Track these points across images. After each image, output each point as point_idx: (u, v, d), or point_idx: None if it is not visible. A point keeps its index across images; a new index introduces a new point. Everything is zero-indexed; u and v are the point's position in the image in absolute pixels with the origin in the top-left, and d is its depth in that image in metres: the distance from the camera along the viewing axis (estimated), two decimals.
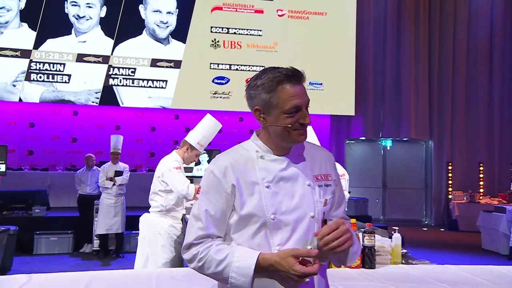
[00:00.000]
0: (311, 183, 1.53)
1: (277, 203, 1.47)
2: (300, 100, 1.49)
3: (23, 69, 9.57)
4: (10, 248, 5.77)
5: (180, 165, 3.65)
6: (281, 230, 1.46)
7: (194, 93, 10.19)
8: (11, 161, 9.67)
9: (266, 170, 1.50)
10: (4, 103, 9.72)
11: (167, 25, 10.26)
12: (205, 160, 6.51)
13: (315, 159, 1.60)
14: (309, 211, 1.49)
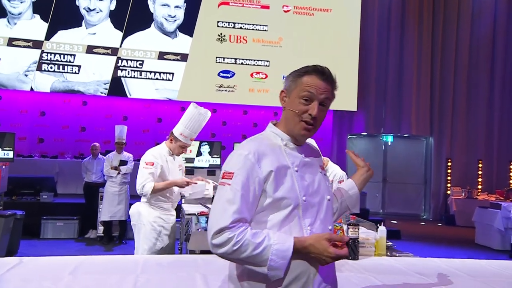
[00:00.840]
0: (322, 170, 1.65)
1: (305, 186, 1.54)
2: (316, 91, 1.53)
3: (35, 59, 9.63)
4: (17, 232, 5.85)
5: (154, 161, 3.48)
6: (309, 212, 1.52)
7: (200, 86, 10.20)
8: (22, 149, 9.79)
9: (292, 155, 1.56)
10: (16, 92, 9.80)
11: (175, 19, 10.25)
12: (206, 152, 6.54)
13: (315, 152, 1.70)
14: (326, 194, 1.59)
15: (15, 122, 9.93)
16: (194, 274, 2.06)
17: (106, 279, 1.90)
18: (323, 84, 1.54)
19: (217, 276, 2.05)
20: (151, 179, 3.41)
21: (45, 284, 1.79)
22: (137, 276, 1.97)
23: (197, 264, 2.27)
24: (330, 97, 1.57)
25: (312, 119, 1.53)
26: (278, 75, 10.56)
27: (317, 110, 1.52)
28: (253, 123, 10.84)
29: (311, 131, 1.56)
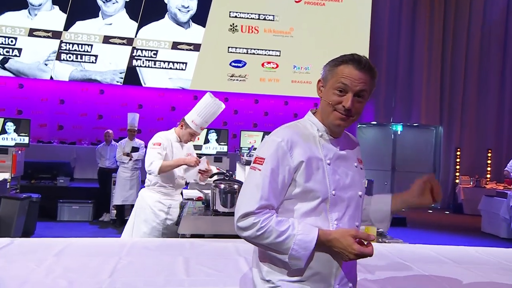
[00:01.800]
0: (357, 164, 1.55)
1: (336, 180, 1.46)
2: (351, 83, 1.43)
3: (54, 49, 9.71)
4: (33, 214, 5.93)
5: (162, 141, 3.39)
6: (338, 206, 1.46)
7: (212, 75, 10.15)
8: (42, 135, 9.93)
9: (327, 148, 1.49)
10: (37, 81, 9.91)
11: (188, 9, 10.18)
12: (213, 139, 6.52)
13: (354, 144, 1.60)
14: (358, 190, 1.51)
15: (36, 109, 10.05)
16: (177, 257, 2.03)
17: (88, 261, 1.89)
18: (359, 74, 1.44)
19: (199, 259, 2.02)
20: (160, 158, 3.35)
21: (29, 264, 1.78)
22: (120, 258, 1.95)
23: (183, 248, 2.24)
24: (368, 88, 1.46)
25: (346, 111, 1.44)
26: (289, 64, 10.45)
27: (351, 102, 1.43)
28: (264, 111, 10.76)
29: (346, 121, 1.47)
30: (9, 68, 9.62)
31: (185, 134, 3.51)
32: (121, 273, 1.75)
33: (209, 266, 1.92)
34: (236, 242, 2.42)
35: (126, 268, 1.83)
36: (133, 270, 1.81)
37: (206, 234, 2.55)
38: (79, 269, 1.77)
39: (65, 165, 7.77)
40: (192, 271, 1.85)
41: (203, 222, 2.59)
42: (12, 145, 5.93)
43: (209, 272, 1.84)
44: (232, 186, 2.69)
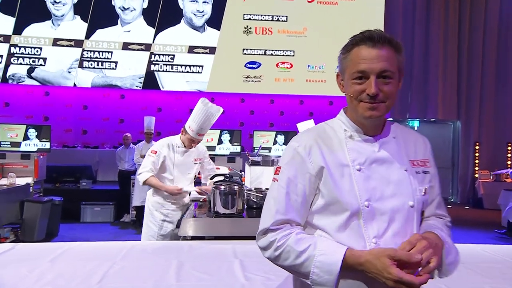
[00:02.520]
0: (407, 168, 1.23)
1: (370, 189, 1.19)
2: (368, 65, 1.17)
3: (76, 57, 9.85)
4: (55, 216, 6.01)
5: (158, 150, 3.40)
6: (377, 220, 1.17)
7: (227, 77, 10.12)
8: (68, 140, 10.10)
9: (356, 151, 1.22)
10: (61, 88, 10.07)
11: (203, 13, 10.17)
12: (226, 140, 6.47)
13: (409, 142, 1.29)
14: (407, 199, 1.20)
15: (61, 115, 10.23)
16: (172, 261, 1.97)
17: (82, 267, 1.85)
18: (376, 52, 1.18)
19: (194, 263, 1.96)
20: (151, 169, 3.36)
21: (21, 270, 1.75)
22: (114, 263, 1.91)
23: (180, 251, 2.19)
24: (392, 65, 1.19)
25: (372, 98, 1.18)
26: (303, 64, 10.31)
27: (375, 87, 1.17)
28: (280, 111, 10.66)
29: (378, 110, 1.19)
30: (35, 77, 9.82)
31: (185, 140, 3.48)
32: (111, 279, 1.70)
33: (202, 270, 1.85)
34: (235, 244, 2.35)
35: (117, 274, 1.78)
36: (124, 275, 1.76)
37: (207, 236, 2.48)
38: (70, 275, 1.73)
39: (87, 168, 7.86)
40: (184, 275, 1.78)
41: (204, 224, 2.53)
42: (35, 150, 6.02)
43: (200, 277, 1.77)
44: (232, 187, 2.62)
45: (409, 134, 1.33)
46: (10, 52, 9.70)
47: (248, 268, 1.88)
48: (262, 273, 1.83)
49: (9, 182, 5.22)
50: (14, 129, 5.97)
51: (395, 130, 1.30)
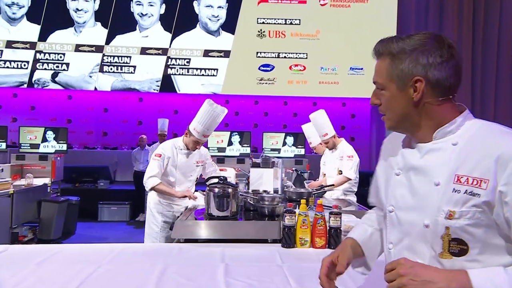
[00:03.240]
0: (441, 182, 1.05)
1: (398, 195, 1.14)
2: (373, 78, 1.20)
3: (97, 62, 9.96)
4: (72, 215, 6.07)
5: (162, 153, 3.32)
6: (395, 229, 1.14)
7: (242, 80, 10.06)
8: (89, 141, 10.22)
9: (402, 155, 1.18)
10: (83, 92, 10.20)
11: (218, 18, 10.14)
12: (236, 141, 6.40)
13: (478, 152, 1.02)
14: (424, 217, 1.06)
15: (83, 118, 10.37)
16: (157, 265, 1.89)
17: (66, 270, 1.79)
18: (376, 65, 1.20)
19: (179, 267, 1.88)
20: (158, 174, 3.28)
21: (4, 274, 1.70)
22: (99, 266, 1.84)
23: (170, 254, 2.11)
24: (379, 76, 1.17)
25: (379, 109, 1.20)
26: (316, 66, 10.16)
27: (371, 98, 1.20)
28: (293, 113, 10.54)
29: (385, 121, 1.19)
30: (58, 82, 9.97)
31: (189, 142, 3.40)
32: (90, 284, 1.64)
33: (184, 275, 1.77)
34: (226, 247, 2.27)
35: (98, 278, 1.71)
36: (104, 280, 1.69)
37: (200, 239, 2.41)
38: (51, 279, 1.67)
39: (105, 169, 7.91)
40: (164, 280, 1.71)
41: (197, 227, 2.45)
42: (52, 152, 6.08)
43: (180, 282, 1.69)
44: (227, 189, 2.54)
45: (490, 141, 1.03)
46: (36, 58, 9.88)
47: (232, 273, 1.80)
48: (245, 278, 1.74)
49: (27, 183, 5.27)
50: (33, 132, 6.05)
51: (472, 134, 1.07)
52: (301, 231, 2.29)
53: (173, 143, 3.45)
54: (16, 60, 9.88)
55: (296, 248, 2.29)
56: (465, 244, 1.01)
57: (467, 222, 1.00)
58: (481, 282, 0.93)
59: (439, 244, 1.04)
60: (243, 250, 2.19)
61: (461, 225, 1.01)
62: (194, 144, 3.40)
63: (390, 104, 1.15)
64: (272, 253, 2.16)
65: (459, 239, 1.01)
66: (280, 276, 1.80)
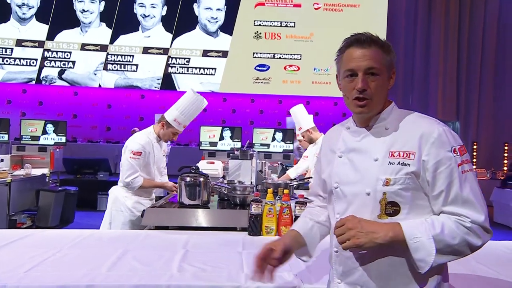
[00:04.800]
0: (379, 157, 1.19)
1: (341, 173, 1.25)
2: (356, 63, 1.19)
3: (101, 60, 9.89)
4: (70, 205, 5.97)
5: (142, 150, 2.93)
6: (341, 201, 1.25)
7: (239, 79, 9.96)
8: (93, 135, 10.15)
9: (343, 140, 1.29)
10: (88, 89, 10.13)
11: (217, 20, 10.04)
12: (227, 136, 6.31)
13: (405, 133, 1.20)
14: (366, 187, 1.19)
15: (88, 113, 10.30)
16: (118, 249, 1.81)
17: (25, 253, 1.70)
18: (362, 51, 1.19)
19: (139, 251, 1.80)
20: (139, 172, 2.95)
21: None
22: (58, 251, 1.76)
23: (135, 240, 2.02)
24: (378, 62, 1.18)
25: (361, 94, 1.18)
26: (309, 67, 10.05)
27: (362, 82, 1.17)
28: (287, 111, 10.40)
29: (367, 106, 1.20)
30: (65, 79, 9.91)
31: (166, 134, 3.07)
32: (43, 267, 1.55)
33: (140, 259, 1.68)
34: (193, 234, 2.18)
35: (54, 262, 1.62)
36: (56, 264, 1.60)
37: (171, 226, 2.32)
38: (6, 263, 1.59)
39: (104, 161, 7.83)
40: (119, 264, 1.62)
41: (168, 214, 2.36)
42: (52, 144, 6.01)
43: (134, 266, 1.61)
44: (198, 179, 2.45)
45: (414, 124, 1.22)
46: (44, 56, 9.82)
47: (189, 259, 1.71)
48: (200, 264, 1.65)
49: (25, 173, 5.20)
50: (34, 124, 5.98)
51: (398, 120, 1.24)
52: (267, 220, 2.20)
53: (148, 136, 3.06)
54: (26, 58, 9.82)
55: (262, 236, 2.21)
56: (398, 206, 1.18)
57: (399, 187, 1.16)
58: (409, 230, 1.13)
59: (377, 207, 1.18)
60: (208, 238, 2.11)
61: (395, 190, 1.17)
62: (171, 136, 3.07)
63: (380, 90, 1.21)
64: (237, 240, 2.07)
65: (393, 202, 1.17)
66: (236, 262, 1.72)
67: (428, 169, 1.15)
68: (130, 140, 3.09)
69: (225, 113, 10.32)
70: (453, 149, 1.17)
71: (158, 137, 3.12)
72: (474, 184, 1.17)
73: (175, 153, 7.75)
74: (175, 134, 3.12)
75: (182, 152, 8.29)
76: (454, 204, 1.14)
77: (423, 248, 1.10)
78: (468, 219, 1.13)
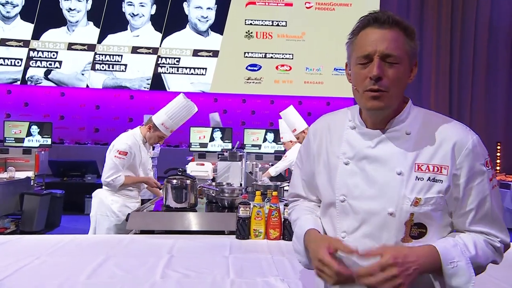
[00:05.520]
0: (403, 171, 1.01)
1: (351, 185, 1.06)
2: (373, 46, 0.99)
3: (89, 60, 9.78)
4: (56, 208, 5.89)
5: (129, 150, 2.90)
6: (350, 217, 1.06)
7: (230, 79, 9.92)
8: (81, 137, 10.03)
9: (350, 144, 1.08)
10: (75, 89, 10.01)
11: (207, 19, 9.99)
12: (218, 137, 6.26)
13: (432, 141, 1.03)
14: (387, 205, 1.01)
15: (75, 114, 10.18)
16: (99, 256, 1.76)
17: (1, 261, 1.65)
18: (381, 32, 1.00)
19: (121, 258, 1.75)
20: (121, 171, 2.90)
21: None
22: (36, 258, 1.70)
23: (118, 245, 1.97)
24: (400, 48, 1.00)
25: (376, 83, 0.99)
26: (301, 66, 10.04)
27: (377, 68, 0.98)
28: (280, 111, 10.38)
29: (382, 99, 1.00)
30: (51, 79, 9.78)
31: (153, 137, 3.03)
32: (17, 276, 1.50)
33: (122, 266, 1.63)
34: (178, 238, 2.13)
35: (29, 270, 1.57)
36: (33, 272, 1.54)
37: (156, 230, 2.27)
38: None
39: (91, 163, 7.72)
40: (99, 271, 1.57)
41: (153, 218, 2.31)
42: (37, 146, 5.92)
43: (115, 273, 1.56)
44: (184, 181, 2.40)
45: (441, 130, 1.03)
46: (29, 56, 9.68)
47: (173, 265, 1.66)
48: (183, 270, 1.61)
49: (9, 176, 5.11)
50: (18, 126, 5.88)
51: (420, 123, 1.06)
52: (255, 223, 2.16)
53: (134, 137, 3.04)
54: (10, 58, 9.68)
55: (250, 239, 2.17)
56: (425, 228, 1.03)
57: (430, 208, 1.01)
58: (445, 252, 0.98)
59: (402, 230, 1.02)
60: (195, 242, 2.06)
61: (425, 211, 1.01)
62: (157, 139, 3.04)
63: (399, 81, 1.01)
64: (224, 244, 2.03)
65: (419, 223, 1.02)
66: (221, 267, 1.67)
67: (459, 185, 1.02)
68: (117, 139, 3.09)
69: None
70: (485, 162, 1.04)
71: (144, 138, 3.07)
72: (499, 200, 1.07)
73: (165, 154, 7.66)
74: (161, 138, 3.09)
75: (172, 154, 8.22)
76: (483, 222, 1.04)
77: (463, 274, 0.96)
78: (498, 238, 1.04)
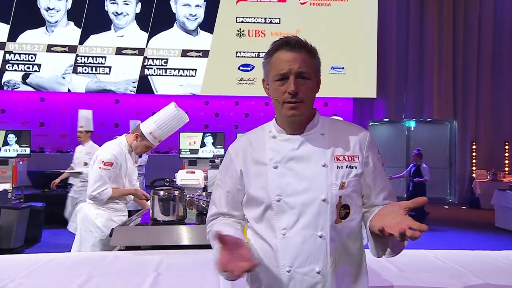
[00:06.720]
0: (326, 163, 1.26)
1: (283, 185, 1.26)
2: (288, 66, 1.24)
3: (70, 63, 9.73)
4: (36, 222, 5.80)
5: (114, 161, 2.84)
6: (287, 213, 1.24)
7: (221, 80, 9.90)
8: (63, 145, 9.96)
9: (275, 150, 1.30)
10: (56, 94, 9.96)
11: (196, 17, 9.99)
12: (209, 143, 6.23)
13: (341, 138, 1.32)
14: (319, 193, 1.24)
15: (57, 121, 10.11)
16: (80, 277, 1.71)
17: None
18: (293, 55, 1.25)
19: (103, 278, 1.71)
20: (108, 183, 2.84)
21: None
22: (11, 281, 1.66)
23: (101, 263, 1.92)
24: (309, 67, 1.26)
25: (294, 97, 1.24)
26: None
27: (294, 85, 1.23)
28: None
29: (299, 108, 1.25)
30: (30, 83, 9.71)
31: (139, 146, 2.96)
32: None
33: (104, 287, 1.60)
34: (167, 254, 2.10)
35: None
36: None
37: (143, 246, 2.23)
38: None
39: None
40: None
41: (140, 233, 2.28)
42: (14, 156, 5.85)
43: None
44: (172, 192, 2.37)
45: (345, 130, 1.34)
46: (5, 59, 9.61)
47: (159, 284, 1.63)
48: None
49: None
50: None
51: (328, 126, 1.33)
52: None
53: (120, 146, 2.96)
54: None
55: None
56: (348, 208, 1.27)
57: (351, 189, 1.27)
58: None
59: (334, 212, 1.24)
60: (184, 258, 2.03)
61: (348, 192, 1.26)
62: (144, 149, 2.98)
63: (311, 93, 1.28)
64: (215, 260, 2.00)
65: (345, 205, 1.26)
66: (212, 285, 1.64)
67: (369, 170, 1.30)
68: (101, 149, 3.00)
69: (208, 118, 10.25)
70: (378, 151, 1.36)
71: (130, 147, 3.02)
72: None
73: (154, 162, 7.62)
74: (149, 148, 3.03)
75: (162, 161, 8.17)
76: (390, 198, 1.31)
77: None
78: None
